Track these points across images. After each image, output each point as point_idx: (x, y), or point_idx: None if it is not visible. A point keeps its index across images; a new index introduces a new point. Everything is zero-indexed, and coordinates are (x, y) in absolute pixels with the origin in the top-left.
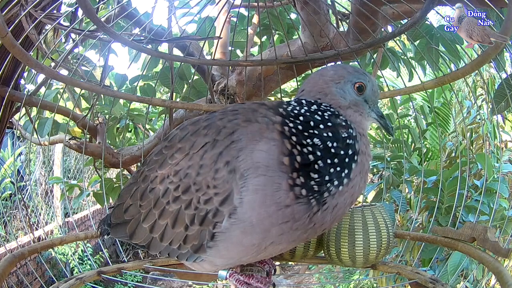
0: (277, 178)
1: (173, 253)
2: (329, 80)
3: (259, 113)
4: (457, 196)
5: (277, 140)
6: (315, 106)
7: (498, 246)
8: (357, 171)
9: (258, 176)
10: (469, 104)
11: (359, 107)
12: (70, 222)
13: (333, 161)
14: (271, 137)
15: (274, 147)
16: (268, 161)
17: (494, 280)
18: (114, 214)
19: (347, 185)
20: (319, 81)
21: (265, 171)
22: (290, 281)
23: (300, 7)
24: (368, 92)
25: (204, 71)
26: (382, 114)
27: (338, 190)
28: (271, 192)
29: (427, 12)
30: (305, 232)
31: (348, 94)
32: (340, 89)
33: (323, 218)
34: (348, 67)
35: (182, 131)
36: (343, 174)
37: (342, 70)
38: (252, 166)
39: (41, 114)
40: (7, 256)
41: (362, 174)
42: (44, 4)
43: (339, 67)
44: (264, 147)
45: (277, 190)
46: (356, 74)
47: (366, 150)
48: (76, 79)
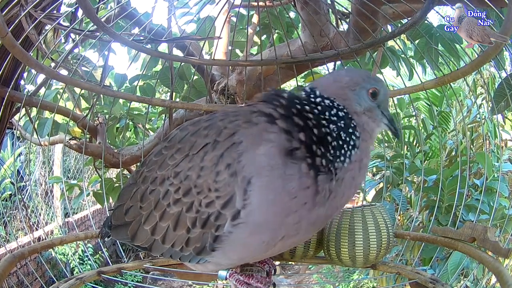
0: (287, 170)
1: (176, 255)
2: (345, 87)
3: (257, 112)
4: (457, 195)
5: (275, 140)
6: (329, 101)
7: (498, 246)
8: (357, 158)
9: (262, 177)
10: (470, 103)
11: (373, 113)
12: (70, 222)
13: (343, 144)
14: (267, 139)
15: (273, 148)
16: (270, 163)
17: (494, 279)
18: (114, 216)
19: (350, 164)
20: (333, 85)
21: (269, 172)
22: (290, 280)
23: (300, 7)
24: (381, 97)
25: (203, 70)
26: (392, 118)
27: (343, 166)
28: (281, 188)
29: (427, 12)
30: (325, 205)
31: (363, 100)
32: (356, 95)
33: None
34: (361, 72)
35: (182, 131)
36: (348, 154)
37: (357, 77)
38: (255, 169)
39: (41, 114)
40: (7, 256)
41: (361, 164)
42: (44, 4)
43: (353, 73)
44: (263, 150)
45: (290, 181)
46: (370, 80)
47: (366, 153)
48: (76, 79)
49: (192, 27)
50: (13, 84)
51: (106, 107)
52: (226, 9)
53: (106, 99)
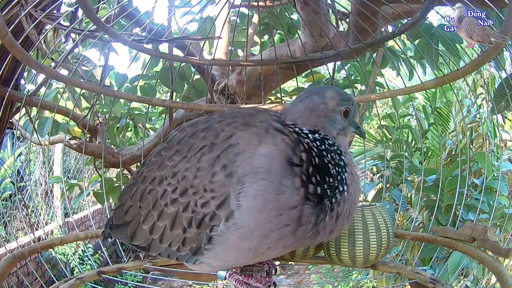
0: (283, 180)
1: (173, 254)
2: (322, 115)
3: (257, 117)
4: (457, 194)
5: (281, 144)
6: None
7: (498, 246)
8: (350, 180)
9: (257, 181)
10: (469, 103)
11: (346, 130)
12: (70, 222)
13: (337, 170)
14: (272, 142)
15: (278, 151)
16: (269, 166)
17: (494, 279)
18: (115, 216)
19: (347, 191)
20: (311, 116)
21: (266, 175)
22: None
23: (300, 7)
24: (351, 114)
25: (204, 70)
26: (358, 125)
27: (343, 196)
28: (273, 196)
29: (427, 12)
30: (304, 238)
31: (338, 123)
32: (331, 121)
33: (325, 227)
34: (332, 94)
35: (181, 132)
36: (344, 181)
37: (330, 102)
38: (250, 171)
39: (41, 114)
40: (7, 256)
41: (354, 183)
42: (44, 4)
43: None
44: (263, 151)
45: (283, 192)
46: (341, 102)
47: (352, 162)
48: (76, 79)
49: (192, 27)
50: (13, 84)
51: (106, 107)
52: (226, 9)
53: (107, 98)
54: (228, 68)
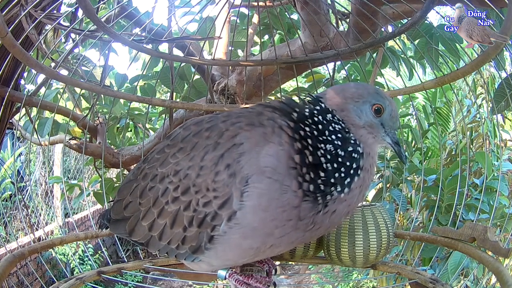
0: (286, 180)
1: (172, 252)
2: (349, 97)
3: (264, 116)
4: (457, 194)
5: (286, 144)
6: (330, 115)
7: (498, 246)
8: (358, 184)
9: (263, 180)
10: (469, 103)
11: (374, 129)
12: (70, 222)
13: (339, 168)
14: (278, 142)
15: (283, 151)
16: (276, 165)
17: (494, 279)
18: (113, 210)
19: (347, 194)
20: (339, 95)
21: (272, 174)
22: (290, 280)
23: (300, 7)
24: (385, 116)
25: (204, 70)
26: (397, 140)
27: (339, 196)
28: (278, 195)
29: (427, 12)
30: (304, 233)
31: (365, 114)
32: (357, 108)
33: (322, 221)
34: (370, 87)
35: (185, 130)
36: (346, 182)
37: (363, 90)
38: (256, 171)
39: (41, 114)
40: (7, 256)
41: (361, 188)
42: (44, 4)
43: (362, 86)
44: (270, 151)
45: (285, 192)
46: (376, 96)
47: (370, 169)
48: (76, 79)
49: (192, 27)
50: (13, 84)
51: (106, 107)
52: (226, 9)
53: (107, 99)
54: (228, 68)
